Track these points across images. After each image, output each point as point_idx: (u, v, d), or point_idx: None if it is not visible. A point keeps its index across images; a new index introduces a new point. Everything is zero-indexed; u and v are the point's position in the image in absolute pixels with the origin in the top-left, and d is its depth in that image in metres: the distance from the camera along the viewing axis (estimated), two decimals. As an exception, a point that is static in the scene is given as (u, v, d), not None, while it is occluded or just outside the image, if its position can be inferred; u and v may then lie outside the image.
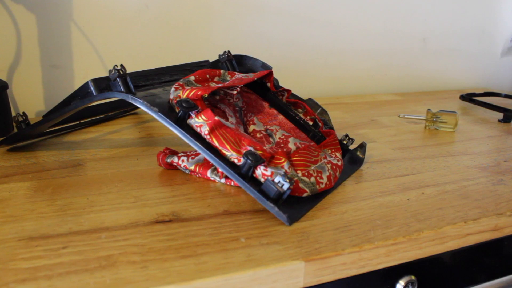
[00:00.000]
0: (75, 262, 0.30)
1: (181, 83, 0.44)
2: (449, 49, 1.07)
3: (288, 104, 0.52)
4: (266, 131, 0.50)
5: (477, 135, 0.64)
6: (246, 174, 0.37)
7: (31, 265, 0.29)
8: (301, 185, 0.38)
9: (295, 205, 0.37)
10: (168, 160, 0.46)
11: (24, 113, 0.52)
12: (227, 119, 0.47)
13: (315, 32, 0.89)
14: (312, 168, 0.41)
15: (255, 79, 0.48)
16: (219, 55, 0.58)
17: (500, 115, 0.75)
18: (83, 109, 0.55)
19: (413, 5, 0.98)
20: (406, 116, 0.72)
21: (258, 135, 0.49)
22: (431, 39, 1.03)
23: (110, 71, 0.42)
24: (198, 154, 0.45)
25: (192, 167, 0.44)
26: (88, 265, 0.29)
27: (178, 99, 0.41)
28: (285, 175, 0.36)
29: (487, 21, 1.09)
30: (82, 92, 0.45)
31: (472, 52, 1.10)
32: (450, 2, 1.03)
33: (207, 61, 0.58)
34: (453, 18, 1.05)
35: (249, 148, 0.38)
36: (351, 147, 0.53)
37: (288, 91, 0.51)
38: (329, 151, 0.46)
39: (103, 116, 0.67)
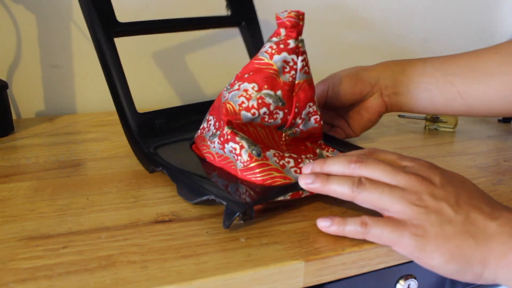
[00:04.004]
0: (75, 262, 0.30)
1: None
2: (449, 49, 1.07)
3: None
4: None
5: (477, 135, 0.64)
6: None
7: (31, 265, 0.29)
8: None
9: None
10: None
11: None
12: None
13: (314, 32, 0.89)
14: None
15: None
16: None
17: (500, 115, 0.75)
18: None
19: (413, 4, 0.98)
20: (406, 116, 0.72)
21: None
22: (431, 38, 1.03)
23: None
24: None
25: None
26: (88, 265, 0.29)
27: None
28: None
29: (487, 21, 1.09)
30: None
31: (472, 52, 1.10)
32: (451, 2, 1.03)
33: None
34: (453, 18, 1.05)
35: None
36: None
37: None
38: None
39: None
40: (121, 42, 0.50)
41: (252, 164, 0.38)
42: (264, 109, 0.40)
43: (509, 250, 0.29)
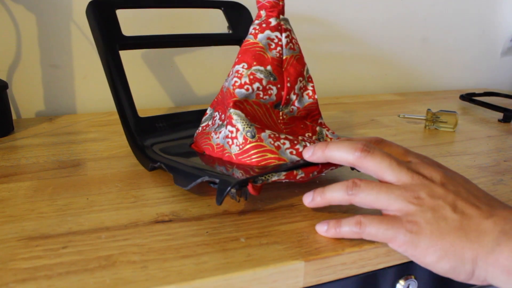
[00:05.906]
0: (75, 262, 0.30)
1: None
2: (449, 49, 1.07)
3: None
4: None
5: (477, 135, 0.64)
6: None
7: (31, 265, 0.29)
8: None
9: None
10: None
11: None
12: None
13: (314, 32, 0.90)
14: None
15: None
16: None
17: (500, 115, 0.75)
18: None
19: (413, 4, 0.98)
20: (406, 116, 0.72)
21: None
22: (431, 39, 1.03)
23: None
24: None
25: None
26: (88, 265, 0.29)
27: None
28: None
29: (487, 21, 1.09)
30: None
31: (472, 52, 1.10)
32: (450, 2, 1.03)
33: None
34: (453, 18, 1.05)
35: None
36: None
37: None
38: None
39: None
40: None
41: (247, 146, 0.39)
42: (257, 84, 0.41)
43: (496, 245, 0.29)
